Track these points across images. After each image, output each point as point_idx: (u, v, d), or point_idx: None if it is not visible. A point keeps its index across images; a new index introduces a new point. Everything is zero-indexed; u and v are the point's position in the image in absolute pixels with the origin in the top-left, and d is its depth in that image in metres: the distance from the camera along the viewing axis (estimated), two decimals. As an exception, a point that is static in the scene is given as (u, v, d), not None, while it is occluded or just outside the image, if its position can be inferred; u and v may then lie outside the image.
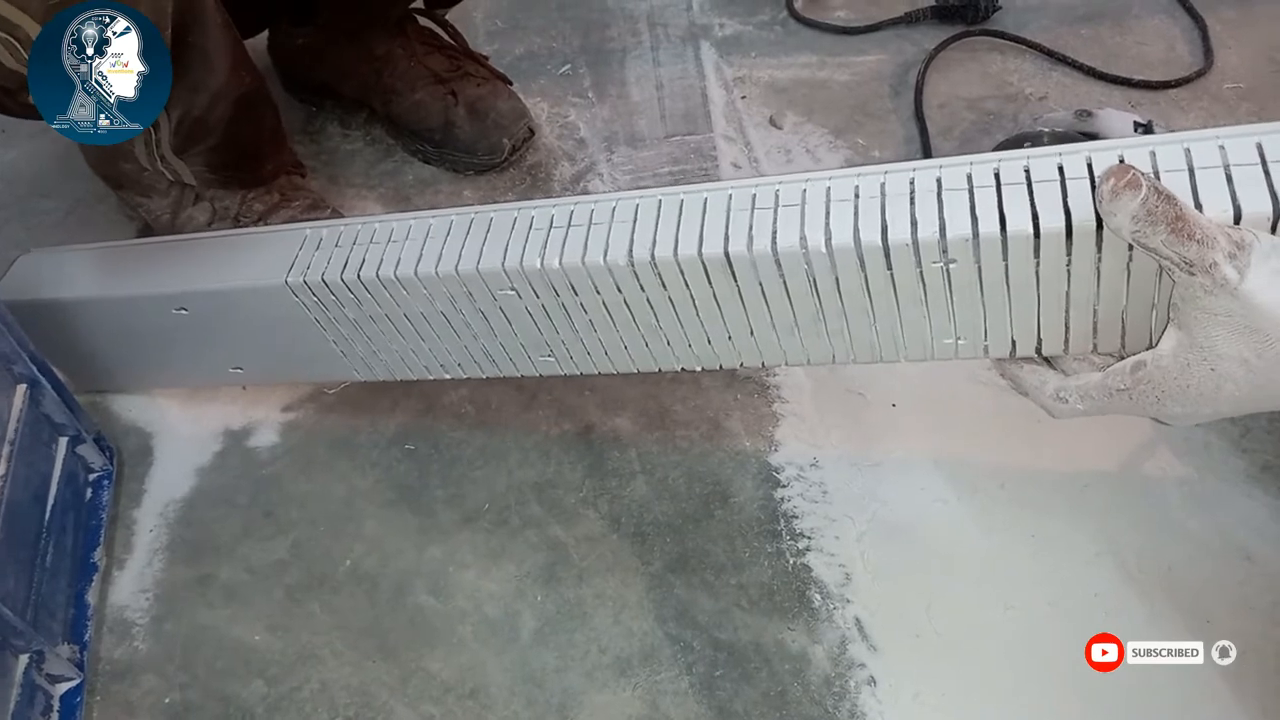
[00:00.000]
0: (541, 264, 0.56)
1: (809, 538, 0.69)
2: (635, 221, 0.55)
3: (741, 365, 0.61)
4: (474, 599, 0.68)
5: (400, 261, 0.60)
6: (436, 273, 0.59)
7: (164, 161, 0.80)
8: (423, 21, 1.00)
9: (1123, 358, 0.50)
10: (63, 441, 0.72)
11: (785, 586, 0.66)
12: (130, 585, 0.71)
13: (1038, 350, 0.54)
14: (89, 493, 0.75)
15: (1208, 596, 0.63)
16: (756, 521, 0.70)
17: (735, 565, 0.68)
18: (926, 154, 0.93)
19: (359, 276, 0.61)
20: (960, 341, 0.54)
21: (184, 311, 0.69)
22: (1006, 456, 0.71)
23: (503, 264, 0.57)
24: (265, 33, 1.04)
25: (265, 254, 0.66)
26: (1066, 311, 0.50)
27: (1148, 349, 0.49)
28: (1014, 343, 0.53)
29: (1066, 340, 0.52)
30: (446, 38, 1.00)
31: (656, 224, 0.55)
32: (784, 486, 0.71)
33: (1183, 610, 0.63)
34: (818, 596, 0.66)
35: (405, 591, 0.69)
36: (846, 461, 0.72)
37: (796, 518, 0.70)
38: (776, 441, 0.74)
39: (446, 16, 1.00)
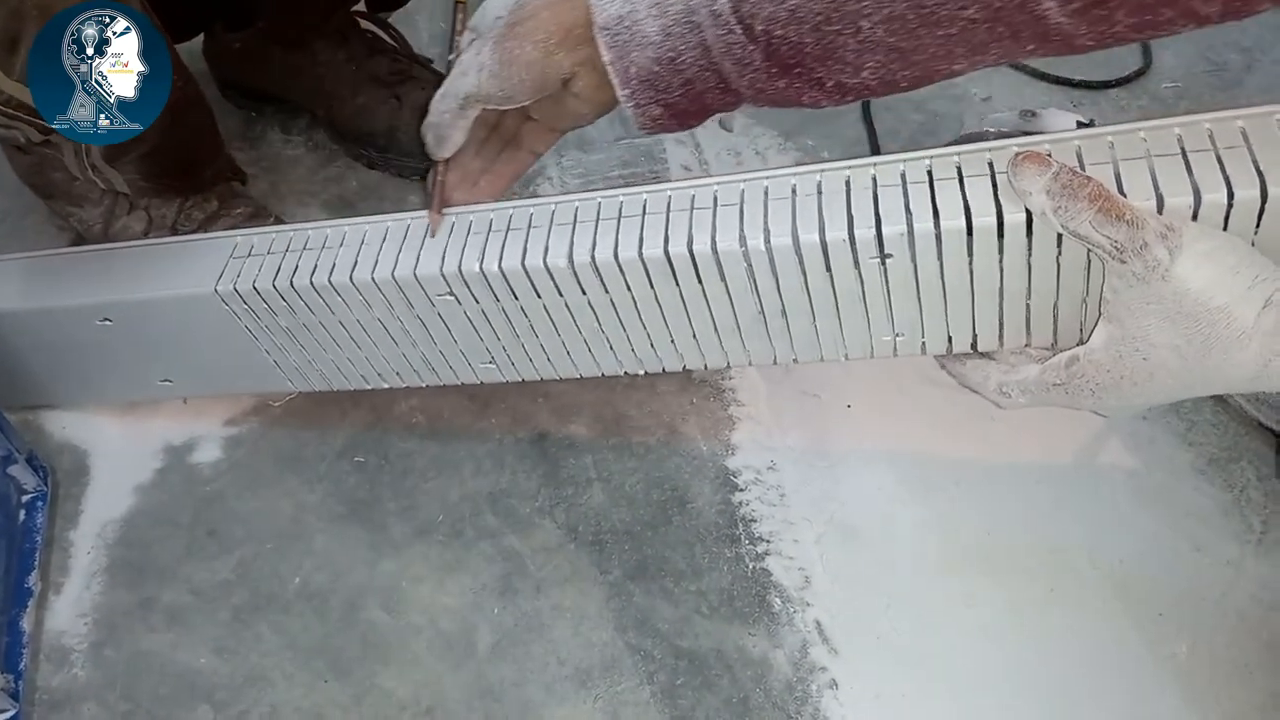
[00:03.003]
0: (480, 268, 0.55)
1: (768, 541, 0.68)
2: (574, 224, 0.55)
3: (685, 368, 0.61)
4: (429, 614, 0.67)
5: (335, 268, 0.59)
6: (373, 278, 0.58)
7: (95, 170, 0.77)
8: (365, 25, 0.98)
9: (1057, 351, 0.51)
10: (-8, 463, 0.69)
11: (745, 591, 0.66)
12: (68, 610, 0.69)
13: (973, 345, 0.54)
14: (22, 515, 0.71)
15: (1159, 589, 0.64)
16: (715, 526, 0.69)
17: (694, 571, 0.67)
18: (875, 155, 0.93)
19: (292, 284, 0.60)
20: (899, 338, 0.55)
21: (108, 322, 0.66)
22: (960, 454, 0.72)
23: (440, 268, 0.56)
24: (201, 36, 1.01)
25: (194, 262, 0.64)
26: (1000, 307, 0.51)
27: (1079, 343, 0.50)
28: (950, 338, 0.54)
29: (1001, 335, 0.53)
30: (389, 41, 0.98)
31: (596, 226, 0.54)
32: (742, 490, 0.71)
33: (1135, 603, 0.64)
34: (778, 600, 0.65)
35: (357, 608, 0.67)
36: (803, 464, 0.72)
37: (755, 521, 0.69)
38: (733, 445, 0.74)
39: (389, 19, 0.99)
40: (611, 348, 0.60)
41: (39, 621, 0.68)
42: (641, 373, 0.62)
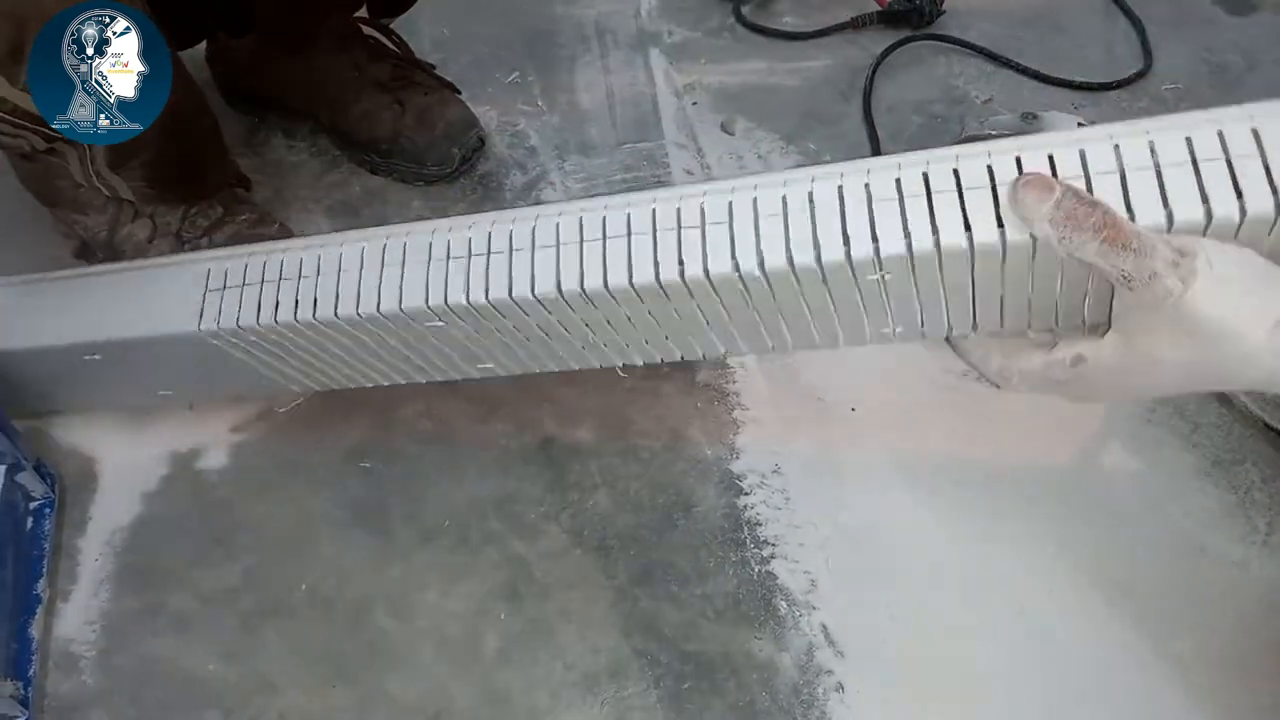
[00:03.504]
0: (467, 299, 0.54)
1: (773, 545, 0.68)
2: (558, 246, 0.53)
3: (682, 358, 0.61)
4: (435, 619, 0.67)
5: (317, 303, 0.57)
6: (357, 314, 0.56)
7: (99, 177, 0.77)
8: (367, 31, 0.98)
9: (1057, 335, 0.51)
10: (0, 470, 0.69)
11: (751, 595, 0.66)
12: (76, 617, 0.69)
13: (973, 330, 0.54)
14: (30, 522, 0.72)
15: (1163, 591, 0.64)
16: (720, 530, 0.69)
17: (700, 575, 0.67)
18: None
19: (276, 320, 0.58)
20: (898, 330, 0.55)
21: (96, 357, 0.66)
22: (965, 457, 0.72)
23: (426, 301, 0.55)
24: (204, 43, 1.01)
25: (171, 296, 0.62)
26: (1001, 302, 0.51)
27: (1080, 321, 0.49)
28: (950, 328, 0.54)
29: (1001, 323, 0.53)
30: (392, 47, 0.98)
31: (581, 248, 0.52)
32: (747, 494, 0.71)
33: (1140, 605, 0.64)
34: (784, 604, 0.66)
35: (364, 614, 0.68)
36: (808, 467, 0.72)
37: (760, 525, 0.69)
38: (738, 449, 0.74)
39: (391, 25, 0.99)
40: (605, 348, 0.61)
41: (47, 628, 0.68)
42: (639, 363, 0.62)
